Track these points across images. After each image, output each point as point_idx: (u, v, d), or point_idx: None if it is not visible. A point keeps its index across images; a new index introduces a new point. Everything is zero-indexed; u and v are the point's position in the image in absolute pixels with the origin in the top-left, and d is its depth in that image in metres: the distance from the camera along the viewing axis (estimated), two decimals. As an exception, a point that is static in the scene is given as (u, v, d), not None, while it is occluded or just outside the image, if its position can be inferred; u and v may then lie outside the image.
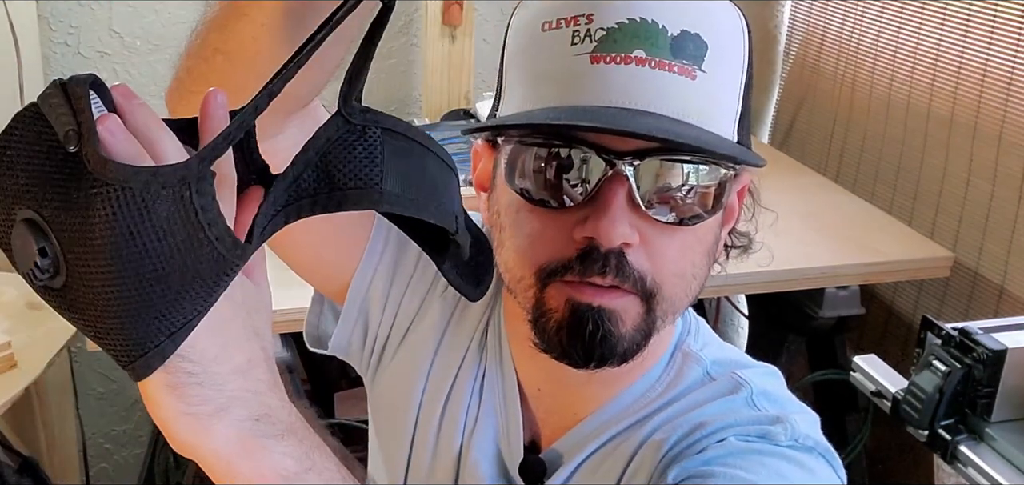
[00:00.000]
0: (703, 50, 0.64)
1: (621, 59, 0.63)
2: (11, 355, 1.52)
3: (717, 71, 0.65)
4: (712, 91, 0.64)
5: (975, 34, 1.81)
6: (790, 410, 0.74)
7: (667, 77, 0.63)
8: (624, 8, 0.64)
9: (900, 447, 2.01)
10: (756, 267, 1.70)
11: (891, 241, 1.82)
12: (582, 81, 0.64)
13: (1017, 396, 1.31)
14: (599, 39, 0.63)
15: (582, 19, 0.64)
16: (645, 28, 0.63)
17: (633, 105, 0.62)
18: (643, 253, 0.65)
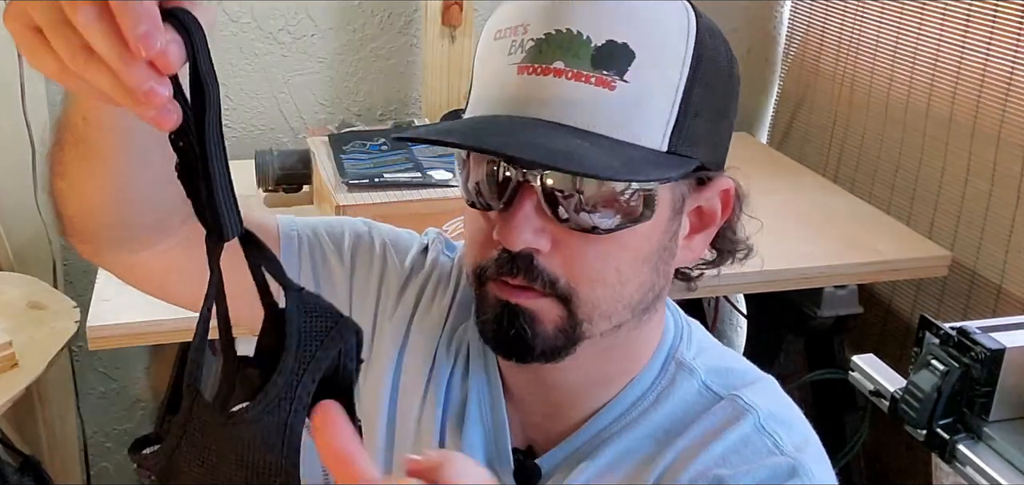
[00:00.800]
0: (629, 59, 0.64)
1: (541, 70, 0.65)
2: (12, 354, 1.52)
3: (643, 80, 0.65)
4: (634, 100, 0.65)
5: (974, 34, 1.82)
6: (799, 440, 0.74)
7: (582, 88, 0.64)
8: (555, 19, 0.65)
9: (898, 446, 2.02)
10: (755, 267, 1.71)
11: (889, 241, 1.82)
12: (507, 91, 0.66)
13: (1015, 395, 1.32)
14: (528, 50, 0.66)
15: (520, 29, 0.67)
16: (569, 39, 0.65)
17: (546, 116, 0.64)
18: (557, 258, 0.68)
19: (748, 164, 1.97)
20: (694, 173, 0.69)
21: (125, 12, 0.44)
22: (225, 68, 2.16)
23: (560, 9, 0.66)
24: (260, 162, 1.83)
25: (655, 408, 0.76)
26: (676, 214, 0.71)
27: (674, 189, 0.70)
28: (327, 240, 0.87)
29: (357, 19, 2.20)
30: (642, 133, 0.65)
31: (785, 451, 0.72)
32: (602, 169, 0.62)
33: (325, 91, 2.24)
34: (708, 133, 0.69)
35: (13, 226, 2.01)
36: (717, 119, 0.70)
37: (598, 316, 0.70)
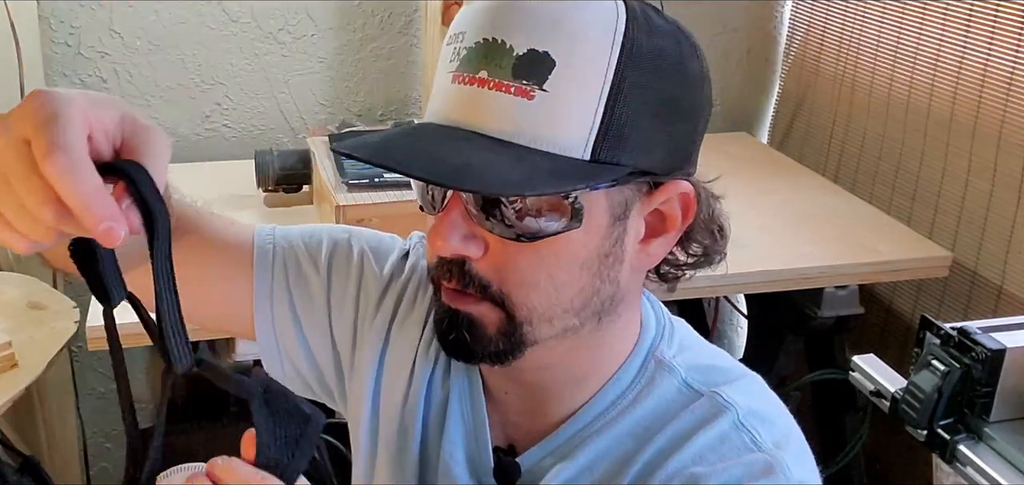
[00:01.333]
0: (549, 68, 0.65)
1: (467, 79, 0.66)
2: (12, 355, 1.52)
3: (563, 88, 0.65)
4: (552, 110, 0.65)
5: (976, 34, 1.82)
6: (779, 437, 0.73)
7: (502, 98, 0.65)
8: (486, 27, 0.67)
9: (899, 447, 2.02)
10: (755, 267, 1.71)
11: (890, 241, 1.82)
12: (442, 99, 0.68)
13: (1016, 396, 1.32)
14: (461, 59, 0.67)
15: (459, 37, 0.68)
16: (493, 49, 0.66)
17: (467, 125, 0.66)
18: (489, 263, 0.69)
19: (748, 164, 1.97)
20: (631, 179, 0.68)
21: (73, 196, 0.50)
22: (225, 68, 2.16)
23: (492, 18, 0.67)
24: (260, 162, 1.83)
25: (634, 407, 0.76)
26: (617, 220, 0.70)
27: (611, 195, 0.68)
28: (303, 250, 0.88)
29: (357, 19, 2.20)
30: (562, 142, 0.65)
31: (763, 448, 0.72)
32: (497, 184, 0.63)
33: (325, 91, 2.24)
34: (650, 136, 0.67)
35: (13, 226, 2.01)
36: (665, 119, 0.68)
37: (536, 319, 0.70)
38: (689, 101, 0.71)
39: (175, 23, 2.09)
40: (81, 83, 2.09)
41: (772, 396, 0.78)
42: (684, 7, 2.36)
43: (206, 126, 2.19)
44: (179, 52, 2.12)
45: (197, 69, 2.14)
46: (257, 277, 0.87)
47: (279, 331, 0.88)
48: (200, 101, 2.17)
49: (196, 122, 2.18)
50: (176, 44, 2.11)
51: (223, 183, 1.97)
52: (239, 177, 1.94)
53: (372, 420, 0.86)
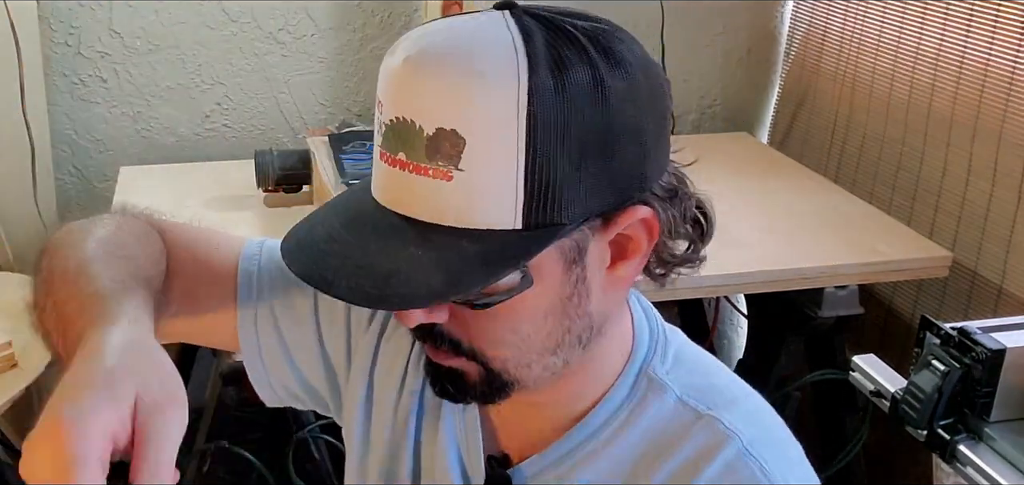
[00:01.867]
0: (460, 146, 0.61)
1: (391, 160, 0.64)
2: (12, 355, 1.52)
3: (477, 164, 0.62)
4: (472, 186, 0.62)
5: (977, 33, 1.82)
6: (785, 466, 0.72)
7: (422, 182, 0.63)
8: (395, 103, 0.64)
9: (899, 447, 2.01)
10: (755, 267, 1.71)
11: (890, 241, 1.82)
12: (375, 172, 0.67)
13: (1016, 396, 1.31)
14: (383, 134, 0.65)
15: (380, 106, 0.66)
16: (405, 129, 0.63)
17: (397, 208, 0.65)
18: (456, 324, 0.69)
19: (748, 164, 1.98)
20: (574, 230, 0.65)
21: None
22: (225, 68, 2.16)
23: (395, 93, 0.64)
24: (260, 162, 1.83)
25: (629, 427, 0.74)
26: (573, 264, 0.67)
27: (561, 246, 0.66)
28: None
29: (357, 19, 2.20)
30: (490, 217, 0.62)
31: (772, 478, 0.70)
32: (422, 293, 0.62)
33: (325, 91, 2.24)
34: (585, 182, 0.63)
35: (13, 226, 2.01)
36: (597, 157, 0.63)
37: (513, 368, 0.70)
38: (622, 124, 0.64)
39: (175, 23, 2.09)
40: (81, 83, 2.09)
41: (773, 415, 0.77)
42: (684, 7, 2.36)
43: (206, 126, 2.19)
44: (179, 52, 2.12)
45: (197, 69, 2.14)
46: (241, 304, 0.86)
47: (266, 356, 0.87)
48: (200, 101, 2.17)
49: (196, 122, 2.18)
50: (176, 44, 2.11)
51: (223, 183, 1.97)
52: (239, 177, 1.94)
53: (364, 427, 0.86)
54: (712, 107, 2.49)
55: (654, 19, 2.30)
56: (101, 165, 2.15)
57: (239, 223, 1.80)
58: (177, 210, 1.85)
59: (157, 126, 2.16)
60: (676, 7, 2.33)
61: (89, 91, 2.10)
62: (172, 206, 1.87)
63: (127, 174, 2.04)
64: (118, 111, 2.13)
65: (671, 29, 2.33)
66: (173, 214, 1.90)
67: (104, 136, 2.14)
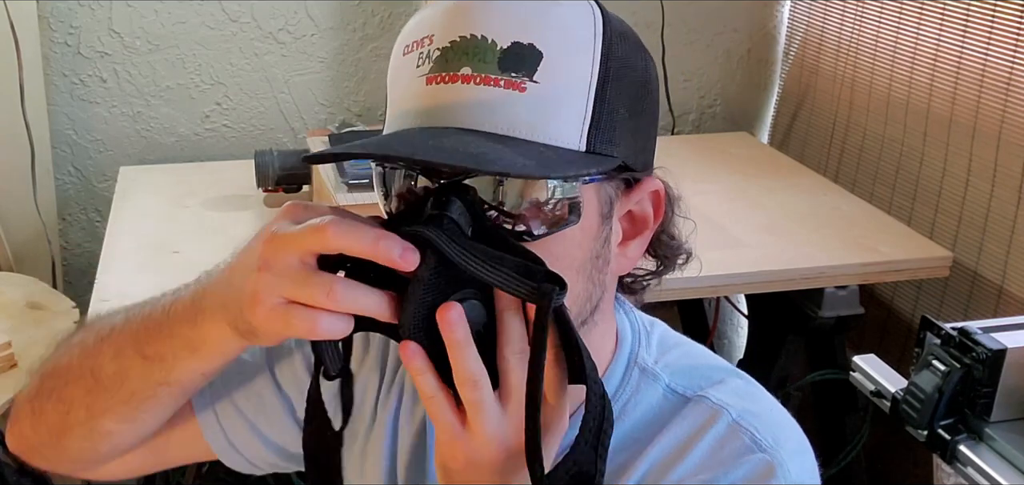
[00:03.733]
0: (537, 59, 0.64)
1: (449, 78, 0.64)
2: (11, 355, 1.52)
3: (554, 79, 0.64)
4: (546, 100, 0.64)
5: (974, 34, 1.82)
6: (776, 433, 0.73)
7: (492, 92, 0.63)
8: (459, 26, 0.65)
9: (899, 447, 2.01)
10: (755, 267, 1.71)
11: (890, 241, 1.82)
12: (418, 103, 0.65)
13: (1016, 396, 1.31)
14: (434, 60, 0.65)
15: (425, 41, 0.66)
16: (474, 45, 0.64)
17: (456, 123, 0.63)
18: None
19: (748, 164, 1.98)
20: (618, 173, 0.68)
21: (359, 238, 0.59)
22: (225, 68, 2.16)
23: (463, 16, 0.65)
24: (260, 162, 1.83)
25: (622, 419, 0.74)
26: (605, 219, 0.69)
27: (600, 192, 0.68)
28: (240, 364, 0.84)
29: (357, 19, 2.20)
30: (558, 133, 0.64)
31: (764, 447, 0.71)
32: (516, 167, 0.61)
33: (325, 91, 2.24)
34: (628, 132, 0.67)
35: (12, 226, 2.01)
36: (637, 119, 0.69)
37: None
38: (651, 101, 0.71)
39: (175, 23, 2.09)
40: (81, 83, 2.09)
41: (761, 390, 0.78)
42: (684, 7, 2.36)
43: (206, 126, 2.19)
44: (179, 52, 2.12)
45: (197, 69, 2.14)
46: (198, 410, 0.84)
47: (240, 446, 0.86)
48: (200, 101, 2.17)
49: (196, 122, 2.18)
50: (176, 44, 2.11)
51: (223, 183, 1.97)
52: (239, 177, 1.93)
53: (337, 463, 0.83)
54: (712, 107, 2.49)
55: (654, 19, 2.30)
56: (101, 165, 2.15)
57: (239, 223, 1.80)
58: (177, 210, 1.85)
59: (157, 126, 2.16)
60: (676, 7, 2.33)
61: (89, 91, 2.10)
62: (172, 206, 1.87)
63: (127, 174, 2.04)
64: (118, 111, 2.13)
65: (671, 29, 2.33)
66: (173, 214, 1.90)
67: (104, 136, 2.14)
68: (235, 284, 0.64)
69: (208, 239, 1.72)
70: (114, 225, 1.78)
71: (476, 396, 0.59)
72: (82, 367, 0.76)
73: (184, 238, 1.72)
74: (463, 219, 0.62)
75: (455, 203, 0.61)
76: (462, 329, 0.58)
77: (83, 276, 2.13)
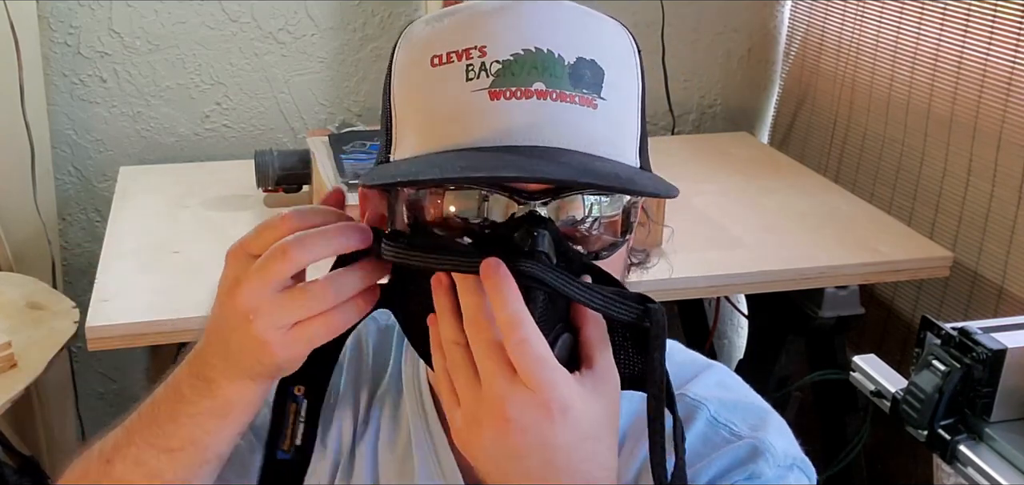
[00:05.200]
0: (600, 76, 0.62)
1: (521, 93, 0.60)
2: (11, 355, 1.52)
3: (615, 97, 0.63)
4: (613, 118, 0.63)
5: (975, 34, 1.82)
6: (755, 420, 0.73)
7: (570, 109, 0.61)
8: (517, 38, 0.61)
9: (899, 447, 2.01)
10: (755, 267, 1.71)
11: (891, 241, 1.82)
12: (482, 119, 0.60)
13: (1017, 396, 1.31)
14: (496, 73, 0.60)
15: (475, 52, 0.61)
16: (542, 58, 0.61)
17: (540, 141, 0.60)
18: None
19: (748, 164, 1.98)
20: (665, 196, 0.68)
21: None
22: (225, 68, 2.16)
23: (520, 28, 0.62)
24: (260, 162, 1.83)
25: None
26: (632, 228, 0.70)
27: (633, 204, 0.68)
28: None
29: (357, 19, 2.20)
30: (623, 150, 0.64)
31: (743, 435, 0.72)
32: (651, 187, 0.61)
33: (325, 91, 2.24)
34: (647, 147, 0.68)
35: (12, 226, 2.01)
36: (646, 122, 0.69)
37: None
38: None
39: (175, 23, 2.09)
40: (81, 83, 2.09)
41: (738, 381, 0.78)
42: (685, 7, 2.36)
43: (206, 126, 2.19)
44: (179, 52, 2.12)
45: (197, 69, 2.14)
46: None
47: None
48: (200, 101, 2.17)
49: (196, 122, 2.18)
50: (176, 44, 2.11)
51: (223, 183, 1.97)
52: (239, 177, 1.93)
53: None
54: (712, 107, 2.49)
55: (654, 19, 2.30)
56: (101, 165, 2.15)
57: (239, 223, 1.79)
58: (177, 210, 1.85)
59: (157, 126, 2.16)
60: (676, 7, 2.33)
61: (89, 91, 2.10)
62: (172, 206, 1.87)
63: (127, 174, 2.04)
64: (118, 111, 2.13)
65: (671, 29, 2.33)
66: (173, 214, 1.90)
67: (104, 136, 2.14)
68: (235, 344, 0.63)
69: (208, 239, 1.72)
70: (114, 225, 1.78)
71: (532, 351, 0.56)
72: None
73: (184, 238, 1.72)
74: (551, 249, 0.60)
75: (544, 235, 0.59)
76: (508, 278, 0.57)
77: (83, 276, 2.13)
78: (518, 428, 0.56)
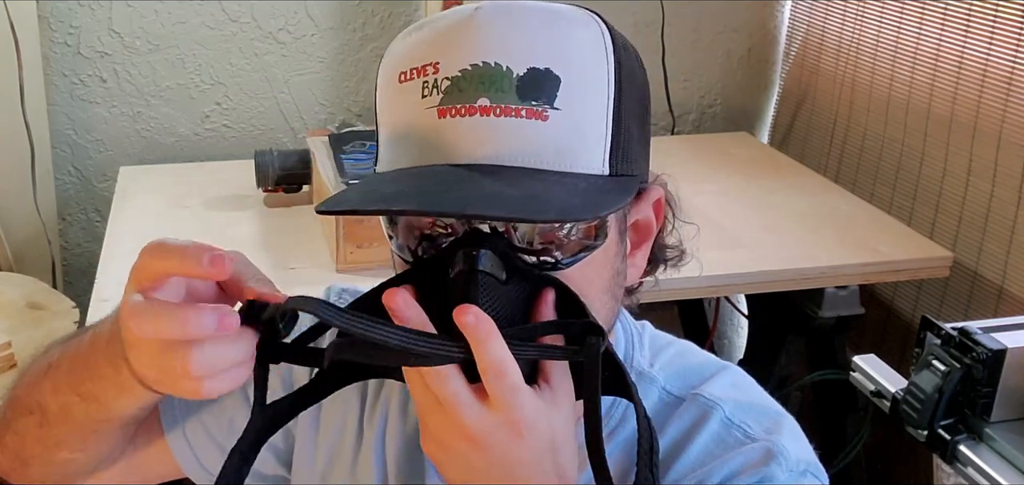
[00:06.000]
0: (555, 85, 0.61)
1: (466, 110, 0.60)
2: (11, 355, 1.52)
3: (574, 104, 0.61)
4: (570, 126, 0.61)
5: (975, 33, 1.82)
6: (769, 423, 0.73)
7: (515, 123, 0.60)
8: (468, 53, 0.61)
9: (899, 447, 2.01)
10: (755, 267, 1.71)
11: (891, 241, 1.82)
12: (431, 138, 0.61)
13: (1016, 396, 1.31)
14: (445, 90, 0.61)
15: (429, 69, 0.62)
16: (488, 73, 0.60)
17: (482, 159, 0.60)
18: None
19: (748, 164, 1.97)
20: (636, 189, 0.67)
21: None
22: (225, 68, 2.16)
23: (471, 41, 0.61)
24: (260, 162, 1.83)
25: (623, 425, 0.74)
26: (622, 235, 0.69)
27: (619, 210, 0.67)
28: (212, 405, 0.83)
29: (357, 19, 2.20)
30: (585, 160, 0.62)
31: (757, 437, 0.72)
32: (572, 211, 0.58)
33: (325, 91, 2.24)
34: (639, 145, 0.66)
35: (12, 226, 2.01)
36: (642, 129, 0.67)
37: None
38: (649, 108, 0.70)
39: (175, 23, 2.09)
40: (81, 83, 2.09)
41: (752, 383, 0.78)
42: (685, 7, 2.36)
43: (206, 126, 2.19)
44: (179, 52, 2.12)
45: (197, 69, 2.14)
46: (168, 430, 0.82)
47: (207, 465, 0.83)
48: (200, 101, 2.17)
49: (196, 122, 2.18)
50: (176, 44, 2.11)
51: (223, 183, 1.97)
52: (239, 177, 1.93)
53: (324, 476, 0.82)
54: (712, 107, 2.49)
55: (654, 19, 2.30)
56: (101, 165, 2.15)
57: (239, 223, 1.80)
58: (177, 210, 1.85)
59: (157, 126, 2.16)
60: (676, 7, 2.33)
61: (89, 91, 2.10)
62: (172, 206, 1.87)
63: (127, 174, 2.04)
64: (118, 111, 2.13)
65: (671, 29, 2.33)
66: (173, 214, 1.90)
67: (104, 136, 2.14)
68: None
69: (208, 239, 1.69)
70: (114, 225, 1.78)
71: (508, 382, 0.57)
72: (31, 401, 0.75)
73: (184, 238, 1.72)
74: (496, 267, 0.60)
75: (485, 254, 0.59)
76: (486, 323, 0.56)
77: (83, 276, 2.13)
78: (485, 446, 0.58)
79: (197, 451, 0.83)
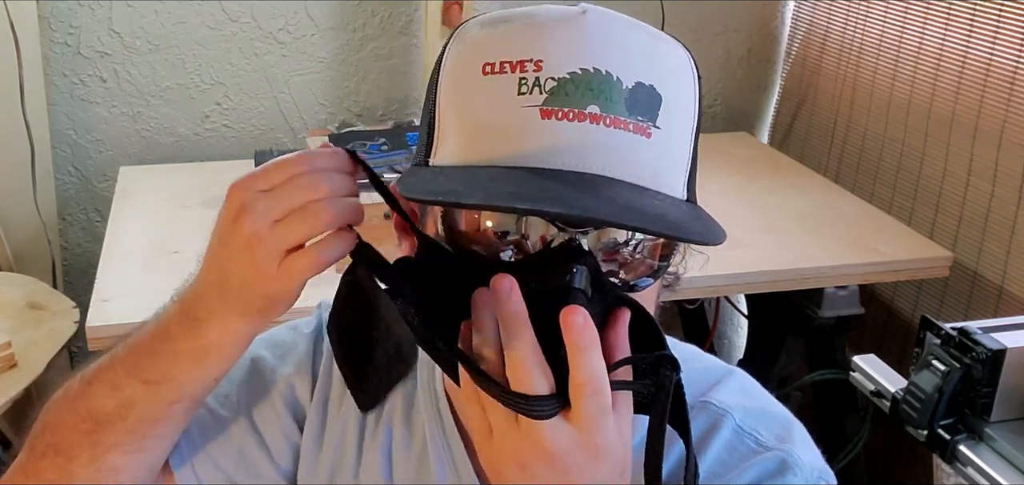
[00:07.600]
0: (657, 103, 0.60)
1: (574, 115, 0.58)
2: (11, 355, 1.52)
3: (670, 126, 0.61)
4: (666, 148, 0.61)
5: (978, 34, 1.81)
6: (780, 430, 0.73)
7: (624, 137, 0.58)
8: (577, 56, 0.59)
9: (899, 447, 2.01)
10: (755, 267, 1.71)
11: (891, 241, 1.82)
12: (531, 137, 0.58)
13: (1016, 396, 1.31)
14: (550, 90, 0.58)
15: (529, 65, 0.59)
16: (599, 80, 0.58)
17: (588, 168, 0.58)
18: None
19: (749, 164, 1.96)
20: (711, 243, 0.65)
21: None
22: (225, 68, 2.16)
23: (580, 45, 0.59)
24: (260, 162, 1.82)
25: (634, 434, 0.74)
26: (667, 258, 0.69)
27: None
28: (210, 408, 0.81)
29: (357, 19, 2.20)
30: (670, 184, 0.61)
31: (769, 446, 0.71)
32: (694, 234, 0.57)
33: (325, 91, 2.24)
34: (695, 177, 0.66)
35: (12, 226, 2.01)
36: (697, 150, 0.67)
37: None
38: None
39: (175, 23, 2.09)
40: (81, 83, 2.09)
41: (759, 388, 0.78)
42: (685, 7, 2.36)
43: (206, 126, 2.19)
44: (179, 52, 2.12)
45: (197, 69, 2.14)
46: (176, 468, 0.79)
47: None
48: (200, 101, 2.17)
49: (196, 122, 2.18)
50: (176, 44, 2.11)
51: (223, 183, 1.94)
52: (239, 177, 1.93)
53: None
54: (712, 107, 2.49)
55: (654, 19, 2.30)
56: (101, 165, 2.15)
57: (239, 223, 1.79)
58: (177, 210, 1.85)
59: (157, 126, 2.16)
60: (676, 7, 2.33)
61: (89, 91, 2.10)
62: (172, 206, 1.87)
63: (127, 174, 2.04)
64: (118, 111, 2.13)
65: (671, 29, 2.30)
66: (173, 214, 1.90)
67: (104, 136, 2.14)
68: (235, 275, 0.64)
69: (208, 239, 1.71)
70: (114, 225, 1.78)
71: (602, 401, 0.56)
72: (76, 414, 0.73)
73: (184, 238, 1.72)
74: (587, 283, 0.58)
75: (583, 271, 0.57)
76: (592, 331, 0.55)
77: (83, 276, 2.13)
78: (563, 466, 0.56)
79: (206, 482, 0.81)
